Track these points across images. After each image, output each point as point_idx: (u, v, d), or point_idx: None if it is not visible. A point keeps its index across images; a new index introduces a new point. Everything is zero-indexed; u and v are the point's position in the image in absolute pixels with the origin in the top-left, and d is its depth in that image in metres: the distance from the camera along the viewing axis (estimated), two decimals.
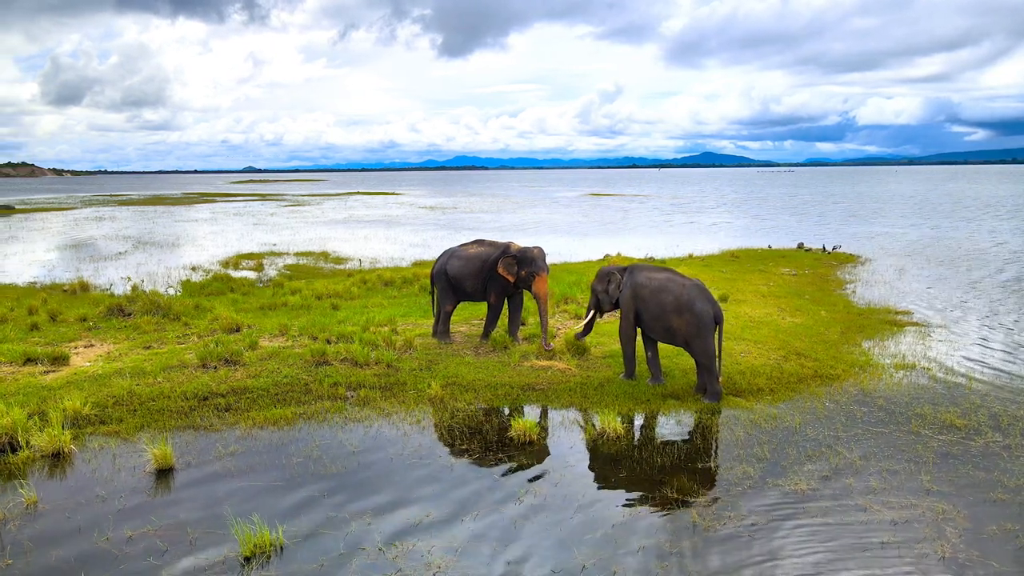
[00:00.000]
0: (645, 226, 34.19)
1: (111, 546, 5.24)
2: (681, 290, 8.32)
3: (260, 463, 6.70)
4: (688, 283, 8.39)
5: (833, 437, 7.27)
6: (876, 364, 9.72)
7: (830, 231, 30.02)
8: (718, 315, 8.10)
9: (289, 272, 19.36)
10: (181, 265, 20.60)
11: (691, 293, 8.23)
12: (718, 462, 6.75)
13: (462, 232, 30.48)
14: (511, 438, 7.23)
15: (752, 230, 31.46)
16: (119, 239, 29.02)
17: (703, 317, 8.06)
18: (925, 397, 8.44)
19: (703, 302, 8.13)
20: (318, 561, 5.06)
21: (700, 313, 8.07)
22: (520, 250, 10.25)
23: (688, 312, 8.14)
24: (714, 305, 8.15)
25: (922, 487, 6.17)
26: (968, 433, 7.34)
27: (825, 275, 17.81)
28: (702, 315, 8.07)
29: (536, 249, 10.33)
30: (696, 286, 8.31)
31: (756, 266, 19.00)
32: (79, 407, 7.65)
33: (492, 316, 10.54)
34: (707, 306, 8.10)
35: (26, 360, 9.31)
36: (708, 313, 8.07)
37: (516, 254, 10.18)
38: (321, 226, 35.08)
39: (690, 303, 8.16)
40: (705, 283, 15.06)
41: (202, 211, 48.89)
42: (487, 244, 10.68)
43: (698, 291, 8.25)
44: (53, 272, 19.42)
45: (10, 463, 6.63)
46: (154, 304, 12.03)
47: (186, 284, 16.49)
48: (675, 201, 58.22)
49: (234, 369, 9.10)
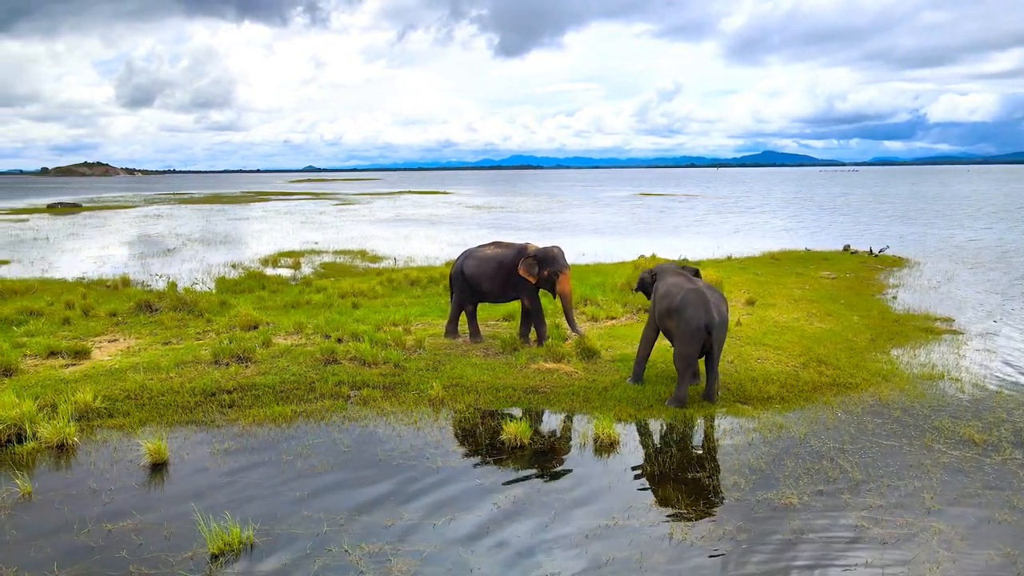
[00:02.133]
0: (687, 227, 33.62)
1: (90, 539, 5.36)
2: (678, 293, 8.14)
3: (251, 461, 6.77)
4: (690, 287, 8.16)
5: (837, 449, 6.96)
6: (901, 373, 9.29)
7: (881, 232, 28.95)
8: (710, 324, 7.81)
9: (324, 270, 19.68)
10: (222, 262, 21.14)
11: (686, 298, 8.02)
12: (709, 472, 6.53)
13: (502, 232, 30.49)
14: (502, 441, 7.14)
15: (798, 231, 30.60)
16: (170, 236, 29.99)
17: (690, 323, 7.87)
18: (947, 409, 8.02)
19: (695, 308, 7.89)
20: (282, 561, 5.08)
21: (688, 319, 7.88)
22: (539, 250, 10.15)
23: (677, 316, 7.99)
24: (708, 314, 7.84)
25: (923, 505, 5.85)
26: (985, 449, 6.94)
27: (867, 279, 17.16)
28: (689, 321, 7.87)
29: (556, 248, 10.23)
30: (695, 291, 8.06)
31: (795, 269, 18.44)
32: (89, 400, 7.88)
33: (538, 318, 10.25)
34: (698, 313, 7.85)
35: (49, 353, 9.66)
36: (696, 320, 7.83)
37: (536, 254, 10.08)
38: (366, 225, 35.59)
39: (681, 308, 8.00)
40: (737, 286, 14.84)
41: (255, 210, 50.17)
42: (504, 245, 10.61)
43: (695, 296, 8.00)
44: (101, 268, 20.16)
45: (16, 453, 6.87)
46: (180, 301, 12.37)
47: (220, 281, 16.91)
48: (720, 201, 57.08)
49: (245, 366, 9.26)
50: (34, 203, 59.19)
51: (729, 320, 10.59)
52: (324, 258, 22.35)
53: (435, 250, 24.17)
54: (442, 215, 42.98)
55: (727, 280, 15.01)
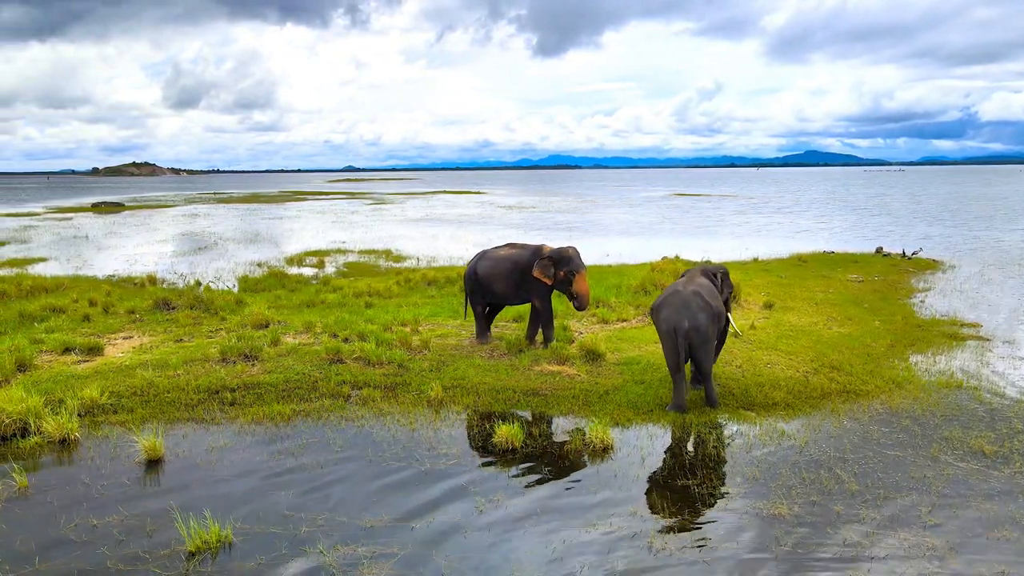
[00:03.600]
0: (716, 227, 33.12)
1: (74, 533, 5.46)
2: (662, 294, 8.17)
3: (242, 459, 6.84)
4: (673, 289, 8.14)
5: (837, 458, 6.75)
6: (916, 381, 8.99)
7: (917, 234, 28.14)
8: (679, 327, 7.67)
9: (347, 269, 19.85)
10: (249, 261, 21.47)
11: (664, 300, 8.05)
12: (699, 479, 6.38)
13: (530, 232, 30.43)
14: (494, 444, 7.09)
15: (829, 233, 29.92)
16: (204, 235, 30.58)
17: (661, 325, 7.86)
18: (960, 419, 7.73)
19: (669, 310, 7.81)
20: (257, 560, 5.10)
21: (661, 320, 7.88)
22: (555, 251, 10.06)
23: (654, 317, 8.04)
24: (680, 316, 7.71)
25: (919, 519, 5.63)
26: (995, 461, 6.67)
27: (895, 282, 16.69)
28: (662, 323, 7.87)
29: (571, 248, 10.12)
30: (674, 293, 7.99)
31: (821, 271, 18.02)
32: (96, 396, 8.04)
33: (547, 320, 10.16)
34: (671, 315, 7.77)
35: (64, 350, 9.89)
36: (667, 322, 7.77)
37: (552, 255, 9.98)
38: (395, 224, 35.84)
39: (656, 309, 8.04)
40: (757, 289, 14.53)
41: (290, 209, 50.89)
42: (518, 246, 10.53)
43: (676, 299, 7.90)
44: (132, 266, 20.62)
45: (19, 448, 7.04)
46: (197, 299, 12.56)
47: (243, 279, 17.17)
48: (754, 201, 56.13)
49: (252, 364, 9.36)
50: (80, 202, 60.93)
51: (741, 325, 10.41)
52: (349, 257, 22.55)
53: (459, 250, 24.19)
54: (472, 215, 43.06)
55: (746, 283, 14.73)
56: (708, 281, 8.75)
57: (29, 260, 22.25)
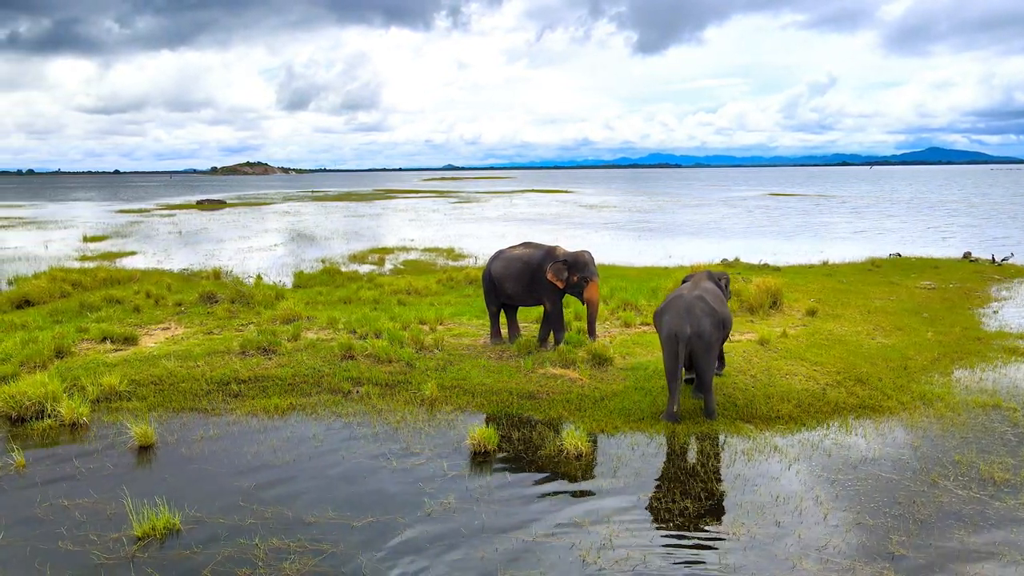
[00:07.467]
0: (798, 230, 31.63)
1: (43, 512, 5.79)
2: (667, 299, 7.88)
3: (223, 448, 7.07)
4: (676, 294, 7.78)
5: (825, 478, 6.31)
6: (948, 398, 8.28)
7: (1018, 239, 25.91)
8: (681, 333, 7.33)
9: (403, 267, 20.22)
10: (313, 258, 22.23)
11: (668, 304, 7.71)
12: (663, 493, 6.10)
13: (599, 231, 30.06)
14: (467, 446, 7.03)
15: (923, 236, 28.02)
16: (284, 231, 31.92)
17: (661, 330, 7.55)
18: (979, 443, 7.05)
19: (671, 315, 7.48)
20: (191, 548, 5.26)
21: (663, 325, 7.56)
22: (569, 255, 9.91)
23: (657, 322, 7.75)
24: (683, 322, 7.36)
25: (886, 550, 5.17)
26: (1001, 490, 6.05)
27: (972, 290, 15.43)
28: (662, 328, 7.56)
29: (586, 253, 9.95)
30: (679, 297, 7.66)
31: (891, 277, 16.89)
32: (115, 383, 8.52)
33: (557, 323, 10.06)
34: (672, 320, 7.43)
35: (103, 339, 10.54)
36: (668, 328, 7.45)
37: (566, 258, 9.85)
38: (469, 223, 36.22)
39: (660, 313, 7.73)
40: (806, 294, 13.79)
41: (377, 207, 52.39)
42: (533, 246, 10.43)
43: (679, 303, 7.56)
44: (208, 260, 21.76)
45: (32, 429, 7.56)
46: (239, 293, 13.11)
47: (298, 275, 17.79)
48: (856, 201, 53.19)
49: (268, 358, 9.68)
50: (188, 199, 64.90)
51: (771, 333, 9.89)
52: (411, 255, 22.97)
53: None
54: (549, 214, 42.96)
55: (797, 287, 14.02)
56: (714, 286, 8.41)
57: (121, 253, 23.89)
